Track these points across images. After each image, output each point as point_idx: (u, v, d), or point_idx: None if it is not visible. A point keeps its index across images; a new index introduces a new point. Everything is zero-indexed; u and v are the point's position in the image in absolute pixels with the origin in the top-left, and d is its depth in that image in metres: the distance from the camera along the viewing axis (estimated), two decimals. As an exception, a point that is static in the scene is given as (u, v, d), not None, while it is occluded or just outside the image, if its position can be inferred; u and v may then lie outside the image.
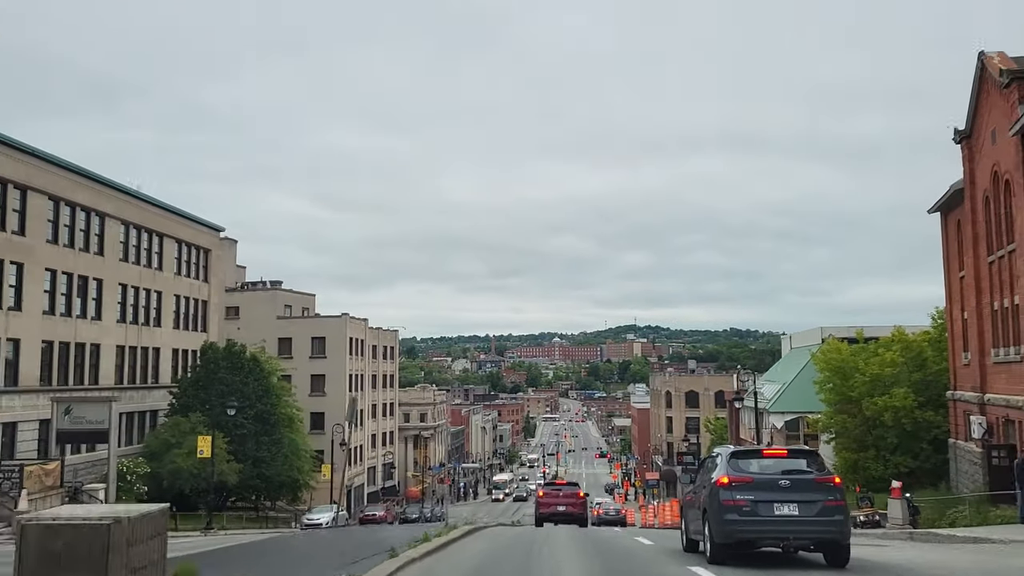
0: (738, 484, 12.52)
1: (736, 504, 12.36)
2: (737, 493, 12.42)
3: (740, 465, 13.05)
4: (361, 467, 76.02)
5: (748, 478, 12.61)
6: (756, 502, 12.30)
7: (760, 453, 13.88)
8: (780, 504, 12.28)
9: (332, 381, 70.69)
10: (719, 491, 12.60)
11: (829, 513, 12.30)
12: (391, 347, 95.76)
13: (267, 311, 72.25)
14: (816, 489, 12.51)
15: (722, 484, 12.65)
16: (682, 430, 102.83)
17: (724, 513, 12.42)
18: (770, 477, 12.60)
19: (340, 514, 49.33)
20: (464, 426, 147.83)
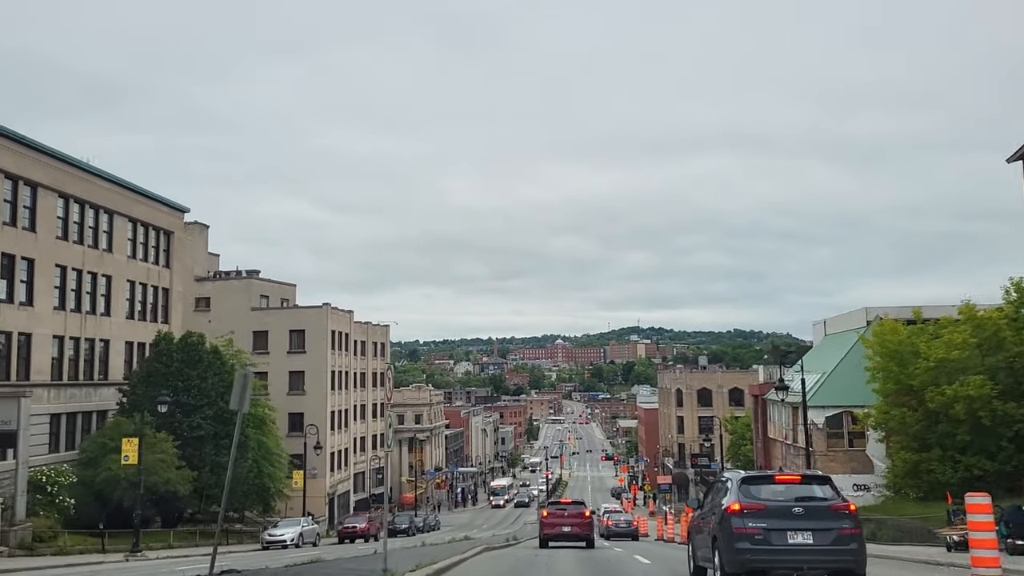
0: (750, 511, 12.11)
1: (748, 532, 11.94)
2: (749, 520, 12.02)
3: (752, 491, 12.57)
4: (346, 472, 69.61)
5: (760, 505, 12.20)
6: (769, 530, 11.91)
7: (772, 479, 13.33)
8: (794, 532, 11.91)
9: (312, 378, 64.31)
10: (730, 518, 12.19)
11: (845, 542, 11.93)
12: (382, 343, 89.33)
13: (241, 302, 65.91)
14: (831, 516, 12.10)
15: (733, 511, 12.24)
16: (694, 430, 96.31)
17: (735, 541, 11.99)
18: (783, 504, 12.23)
19: (310, 527, 42.89)
20: (463, 428, 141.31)
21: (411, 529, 64.14)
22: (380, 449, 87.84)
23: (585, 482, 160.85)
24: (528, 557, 24.07)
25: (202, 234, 68.22)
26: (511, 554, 25.74)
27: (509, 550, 29.07)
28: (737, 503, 12.37)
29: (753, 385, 52.88)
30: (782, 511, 12.12)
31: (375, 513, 67.73)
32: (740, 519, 12.12)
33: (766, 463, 49.02)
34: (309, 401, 64.20)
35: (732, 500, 12.56)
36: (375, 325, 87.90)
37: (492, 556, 24.04)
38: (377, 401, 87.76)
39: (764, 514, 12.10)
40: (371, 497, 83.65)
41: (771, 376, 50.67)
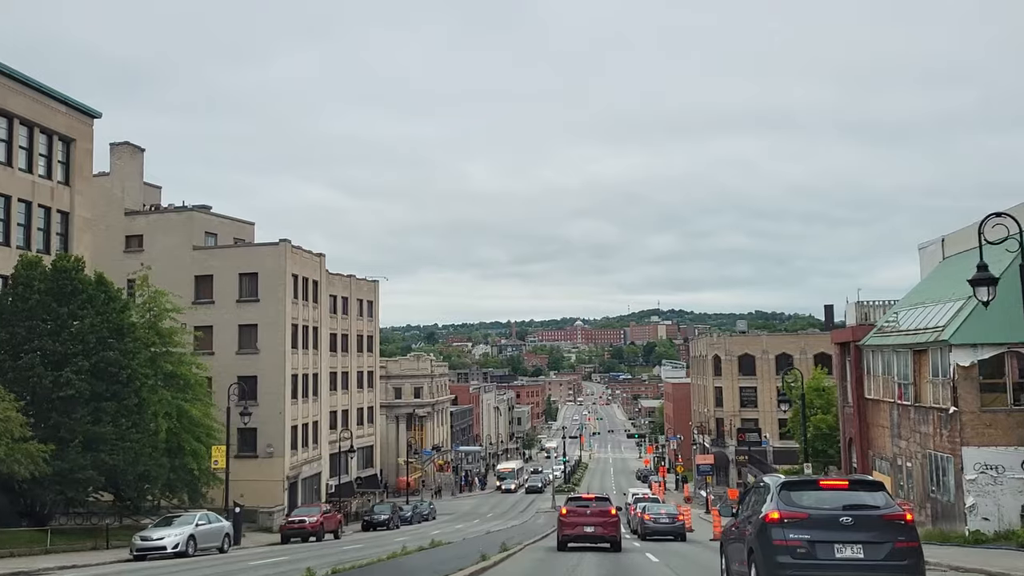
0: (791, 521, 10.72)
1: (789, 544, 10.56)
2: (791, 532, 10.62)
3: (793, 498, 11.12)
4: (316, 451, 56.77)
5: (803, 514, 10.77)
6: (813, 542, 10.53)
7: (816, 484, 11.71)
8: (842, 545, 10.51)
9: (267, 333, 51.43)
10: (769, 529, 10.78)
11: (900, 556, 10.51)
12: (369, 301, 76.35)
13: (180, 240, 53.04)
14: (884, 528, 10.65)
15: (772, 520, 10.81)
16: (735, 403, 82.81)
17: (775, 555, 10.62)
18: (829, 513, 10.76)
19: (211, 527, 29.55)
20: (472, 405, 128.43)
21: (393, 521, 51.56)
22: (368, 425, 75.12)
23: (607, 464, 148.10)
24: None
25: (135, 158, 55.33)
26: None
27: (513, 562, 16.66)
28: (777, 511, 10.84)
29: (839, 331, 39.24)
30: (828, 521, 10.65)
31: (339, 503, 54.89)
32: (780, 529, 10.66)
33: (862, 435, 35.56)
34: (263, 361, 51.33)
35: (771, 508, 10.99)
36: (361, 280, 74.91)
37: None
38: (365, 369, 74.93)
39: (808, 524, 10.64)
40: (356, 482, 71.00)
41: (866, 316, 37.08)
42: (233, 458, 50.50)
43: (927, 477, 29.26)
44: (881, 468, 34.36)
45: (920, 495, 29.85)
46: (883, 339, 33.36)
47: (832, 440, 47.79)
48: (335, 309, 69.28)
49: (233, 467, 50.09)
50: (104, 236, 53.29)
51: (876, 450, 34.79)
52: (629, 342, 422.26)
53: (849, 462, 38.20)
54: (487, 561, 17.11)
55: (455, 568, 15.10)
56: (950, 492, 27.26)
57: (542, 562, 18.96)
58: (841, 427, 39.27)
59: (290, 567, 19.21)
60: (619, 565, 18.33)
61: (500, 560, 18.38)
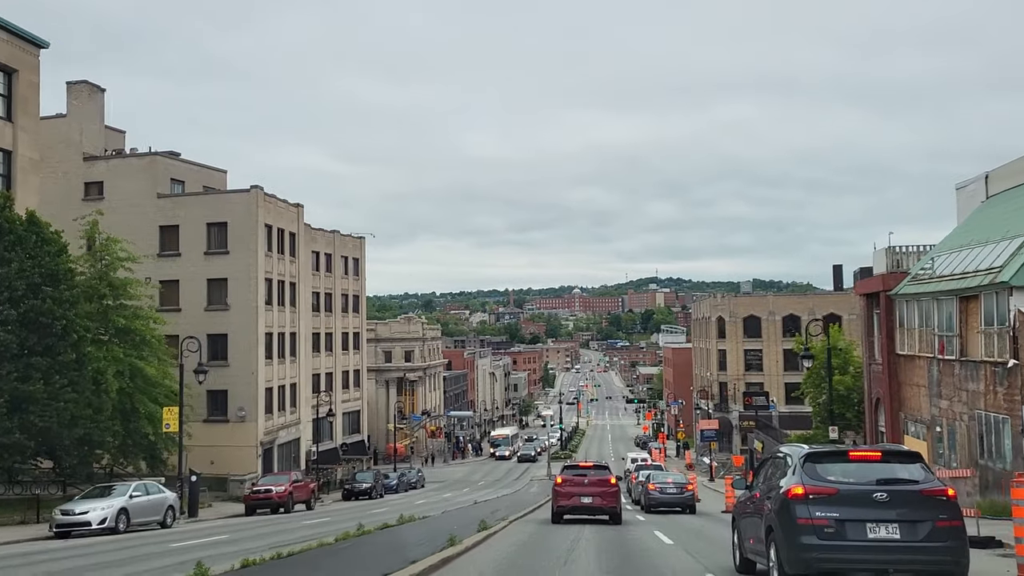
0: (818, 497, 9.58)
1: (815, 524, 9.42)
2: (817, 509, 9.49)
3: (819, 471, 9.93)
4: (294, 415, 53.03)
5: (831, 489, 9.64)
6: (842, 521, 9.41)
7: (846, 455, 10.54)
8: (875, 524, 9.39)
9: (238, 288, 47.37)
10: (792, 506, 9.65)
11: (941, 537, 9.36)
12: (355, 259, 72.26)
13: (143, 188, 48.79)
14: (923, 505, 9.52)
15: (796, 496, 9.68)
16: (739, 366, 79.16)
17: (799, 535, 9.47)
18: (861, 488, 9.63)
19: (149, 498, 25.45)
20: (467, 371, 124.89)
21: (376, 490, 48.03)
22: (354, 389, 71.43)
23: (605, 431, 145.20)
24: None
25: (93, 99, 50.87)
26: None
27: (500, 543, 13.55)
28: (801, 486, 9.69)
29: (866, 281, 35.20)
30: (860, 497, 9.51)
31: (316, 472, 51.42)
32: (805, 506, 9.53)
33: (892, 396, 31.75)
34: (234, 318, 47.34)
35: (794, 482, 9.84)
36: (345, 236, 70.75)
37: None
38: (351, 330, 71.05)
39: (836, 500, 9.51)
40: (342, 448, 67.45)
41: (898, 264, 33.06)
42: (202, 422, 47.19)
43: (974, 442, 25.49)
44: (915, 432, 30.61)
45: (965, 462, 26.08)
46: (920, 287, 29.41)
47: (849, 403, 44.01)
48: (317, 266, 65.21)
49: (202, 432, 46.69)
50: (61, 182, 49.15)
51: (909, 412, 31.02)
52: (627, 310, 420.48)
53: (875, 426, 34.48)
54: (455, 547, 13.31)
55: (407, 560, 11.22)
56: (1005, 458, 23.48)
57: (524, 547, 15.14)
58: (866, 387, 35.49)
59: (214, 551, 15.38)
60: (626, 549, 14.64)
61: (474, 544, 14.57)
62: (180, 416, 32.34)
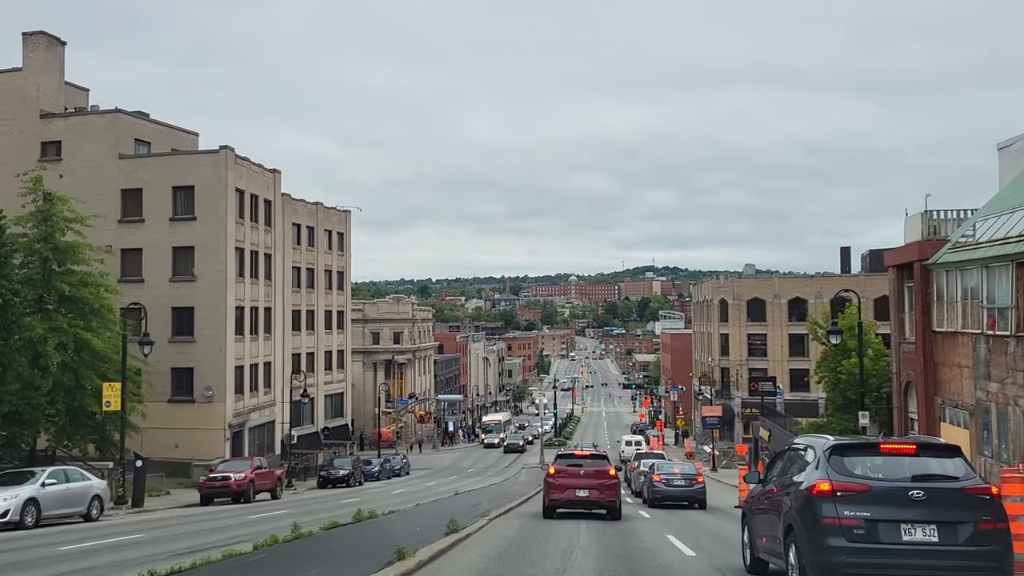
0: (847, 494, 8.68)
1: (844, 524, 8.52)
2: (846, 508, 8.60)
3: (846, 465, 9.03)
4: (268, 396, 49.33)
5: (862, 486, 8.73)
6: (874, 522, 8.52)
7: (876, 448, 9.36)
8: (910, 526, 8.50)
9: (206, 258, 43.58)
10: (817, 503, 8.74)
11: (984, 540, 8.46)
12: (340, 233, 68.46)
13: (105, 148, 44.93)
14: (965, 505, 8.60)
15: (822, 493, 8.76)
16: (742, 351, 75.64)
17: (825, 536, 8.54)
18: (895, 486, 8.73)
19: (67, 488, 21.58)
20: (459, 355, 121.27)
21: (354, 477, 44.53)
22: (337, 370, 67.81)
23: (600, 418, 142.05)
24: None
25: (52, 52, 46.87)
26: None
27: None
28: (828, 482, 8.78)
29: (896, 250, 31.51)
30: (894, 495, 8.61)
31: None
32: (832, 505, 8.62)
33: (926, 378, 28.15)
34: (201, 290, 43.59)
35: (819, 477, 8.94)
36: (329, 208, 66.90)
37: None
38: (334, 308, 67.33)
39: (867, 498, 8.59)
40: (323, 432, 63.88)
41: (935, 230, 29.45)
42: (166, 402, 43.61)
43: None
44: (954, 419, 27.07)
45: (1021, 453, 22.56)
46: (965, 254, 25.77)
47: (869, 388, 40.53)
48: (298, 239, 61.39)
49: (166, 413, 43.11)
50: (16, 141, 45.40)
51: (948, 396, 27.45)
52: (623, 298, 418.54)
53: (904, 413, 30.92)
54: (404, 563, 9.69)
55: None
56: (1074, 449, 19.97)
57: (501, 560, 11.49)
58: (895, 369, 31.89)
59: (101, 560, 11.74)
60: (635, 565, 10.97)
61: (433, 556, 10.95)
62: (123, 392, 28.67)
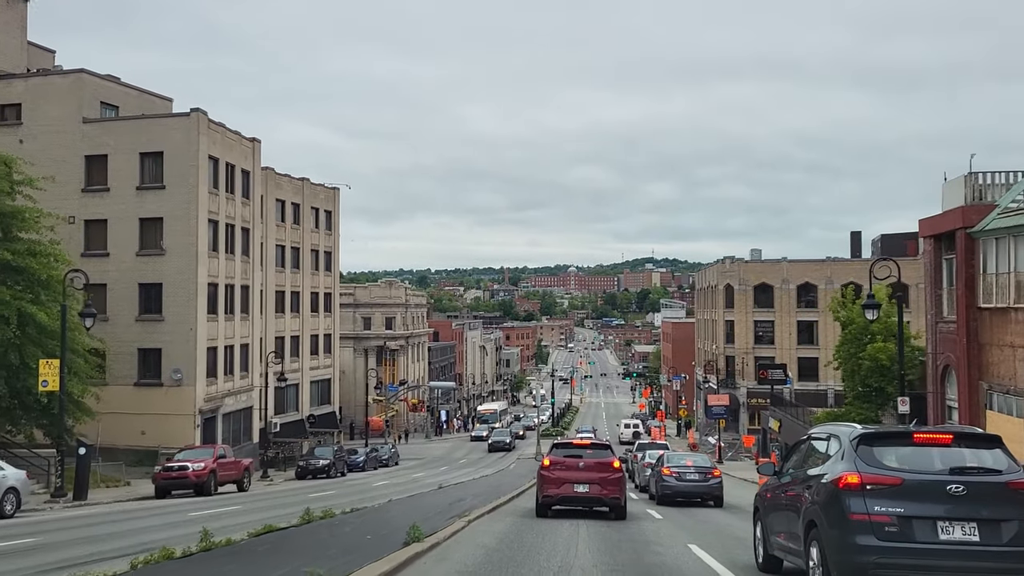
0: (878, 488, 7.80)
1: (874, 520, 7.67)
2: (876, 503, 7.73)
3: (876, 455, 8.13)
4: (245, 380, 46.10)
5: (895, 479, 7.83)
6: (908, 518, 7.68)
7: (909, 437, 8.43)
8: (948, 523, 7.64)
9: (176, 230, 40.31)
10: (845, 498, 7.85)
11: None
12: (327, 211, 65.23)
13: (68, 112, 41.59)
14: (1009, 501, 7.75)
15: (850, 487, 7.89)
16: (748, 339, 72.41)
17: (853, 534, 7.67)
18: (931, 479, 7.86)
19: None
20: (455, 342, 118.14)
21: (335, 468, 41.48)
22: (324, 355, 64.67)
23: (599, 408, 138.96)
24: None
25: (13, 8, 43.53)
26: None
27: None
28: (856, 474, 7.90)
29: (933, 218, 28.19)
30: (930, 489, 7.74)
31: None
32: (861, 499, 7.73)
33: (969, 361, 24.95)
34: (170, 265, 40.31)
35: (846, 469, 8.06)
36: (317, 185, 63.64)
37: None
38: (321, 290, 64.17)
39: (900, 493, 7.70)
40: (309, 420, 60.83)
41: (980, 195, 26.22)
42: (132, 386, 40.46)
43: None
44: (1003, 406, 23.90)
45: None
46: (1021, 219, 22.56)
47: (891, 376, 37.39)
48: (283, 216, 58.22)
49: (132, 397, 39.91)
50: (-29, 104, 42.02)
51: (995, 381, 24.27)
52: (623, 289, 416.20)
53: (941, 400, 27.78)
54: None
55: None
56: None
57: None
58: (931, 351, 28.69)
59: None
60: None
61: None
62: (62, 370, 25.41)
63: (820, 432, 9.83)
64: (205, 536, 10.41)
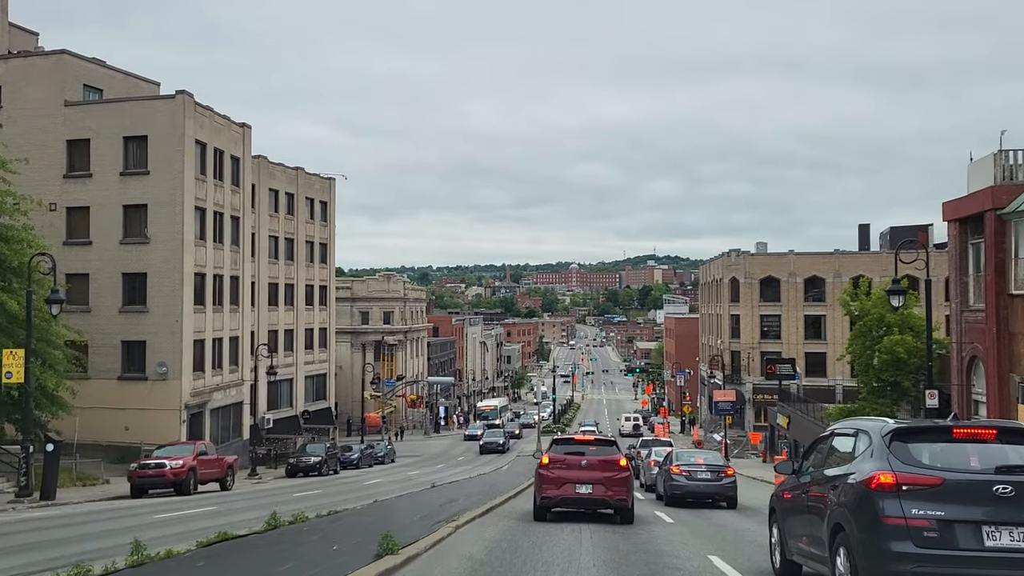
0: (915, 489, 7.00)
1: (912, 525, 6.87)
2: (914, 505, 6.93)
3: (912, 453, 7.32)
4: (235, 374, 44.47)
5: (935, 479, 7.02)
6: (949, 523, 6.86)
7: (949, 432, 7.61)
8: (995, 528, 6.83)
9: (161, 218, 38.68)
10: (878, 499, 7.04)
11: None
12: (323, 202, 63.60)
13: (49, 95, 39.96)
14: None
15: (883, 487, 7.07)
16: (754, 334, 70.78)
17: (888, 540, 6.89)
18: (975, 479, 7.06)
19: None
20: (455, 338, 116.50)
21: (327, 465, 39.89)
22: (319, 350, 63.08)
23: (600, 405, 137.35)
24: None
25: (-9, -14, 41.90)
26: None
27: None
28: (891, 473, 7.06)
29: (958, 201, 26.53)
30: (974, 491, 6.91)
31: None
32: (896, 501, 6.92)
33: (1000, 351, 23.30)
34: (155, 254, 38.67)
35: (879, 467, 7.21)
36: (311, 175, 62.01)
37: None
38: (316, 282, 62.55)
39: (941, 495, 6.88)
40: (303, 416, 59.24)
41: (1010, 175, 24.55)
42: (116, 380, 38.87)
43: None
44: (1038, 400, 22.26)
45: None
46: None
47: (907, 370, 35.73)
48: (276, 207, 56.61)
49: (115, 392, 38.34)
50: (-51, 86, 40.40)
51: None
52: (625, 286, 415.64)
53: (966, 393, 26.11)
54: None
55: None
56: None
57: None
58: (956, 341, 27.02)
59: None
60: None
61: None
62: (27, 360, 23.76)
63: (845, 427, 9.01)
64: (137, 549, 8.80)
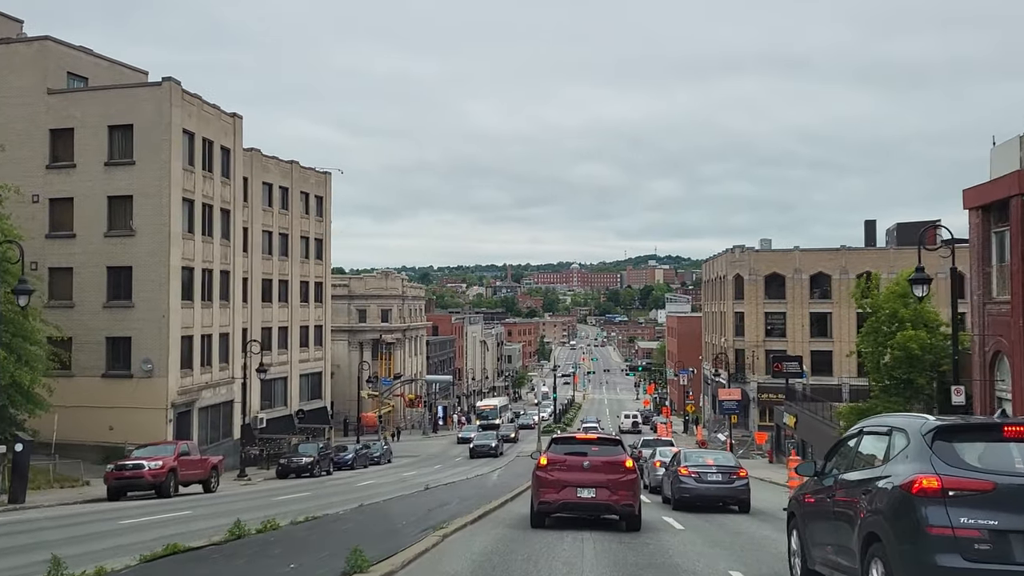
0: (963, 495, 6.21)
1: (960, 535, 6.11)
2: (962, 513, 6.16)
3: (958, 454, 6.52)
4: (225, 372, 43.10)
5: (986, 483, 6.23)
6: (1003, 534, 6.08)
7: (999, 431, 6.78)
8: None
9: (147, 209, 37.34)
10: (919, 506, 6.31)
11: None
12: (318, 197, 62.24)
13: (32, 83, 38.68)
14: None
15: (925, 492, 6.30)
16: (759, 332, 69.31)
17: (932, 552, 6.13)
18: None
19: None
20: (455, 336, 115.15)
21: (320, 466, 38.54)
22: (315, 348, 61.73)
23: (602, 405, 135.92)
24: None
25: (-26, -28, 40.57)
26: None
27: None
28: (935, 477, 6.30)
29: (981, 187, 25.11)
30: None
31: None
32: (941, 508, 6.14)
33: (1022, 348, 21.96)
34: (141, 247, 37.36)
35: (920, 470, 6.43)
36: (307, 168, 60.67)
37: None
38: (312, 279, 61.20)
39: (993, 501, 6.09)
40: (298, 415, 57.87)
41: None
42: (100, 377, 37.51)
43: None
44: (1069, 397, 20.90)
45: None
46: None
47: (921, 366, 34.35)
48: (270, 201, 55.26)
49: (100, 389, 36.97)
50: (-71, 74, 39.11)
51: (1058, 368, 21.28)
52: (626, 286, 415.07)
53: (989, 390, 24.75)
54: None
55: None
56: None
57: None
58: (978, 335, 25.65)
59: None
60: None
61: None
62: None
63: (877, 424, 8.19)
64: (56, 565, 7.51)
